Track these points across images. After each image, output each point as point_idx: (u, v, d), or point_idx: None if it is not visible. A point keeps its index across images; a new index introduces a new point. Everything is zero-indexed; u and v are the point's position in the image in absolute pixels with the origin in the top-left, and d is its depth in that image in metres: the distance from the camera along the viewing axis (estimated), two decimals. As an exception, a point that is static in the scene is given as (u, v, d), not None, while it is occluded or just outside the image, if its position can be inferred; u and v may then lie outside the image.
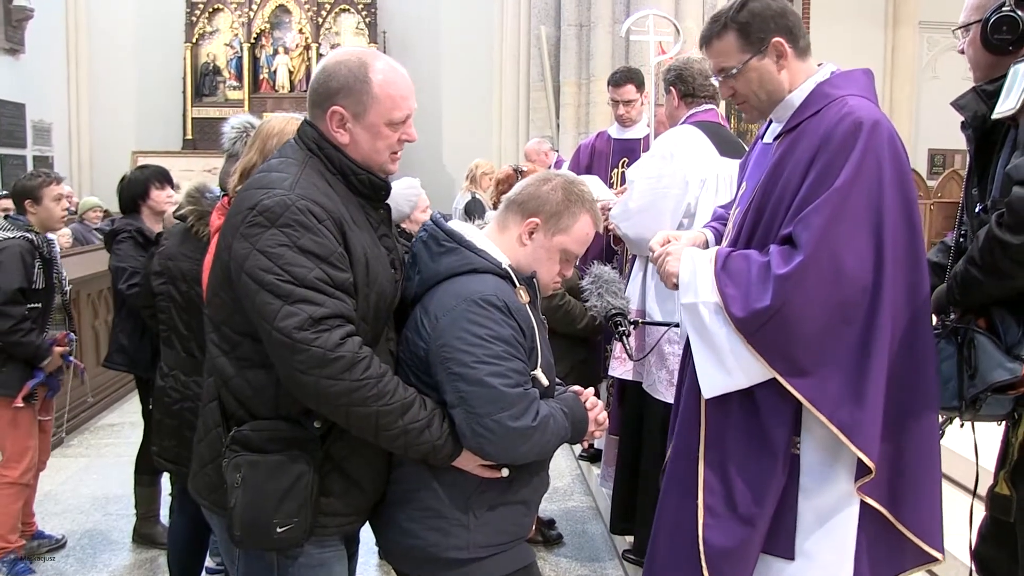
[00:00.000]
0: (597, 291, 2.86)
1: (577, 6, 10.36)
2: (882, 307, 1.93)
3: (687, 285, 2.08)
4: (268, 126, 2.62)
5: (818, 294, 1.92)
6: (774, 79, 2.12)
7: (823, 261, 1.91)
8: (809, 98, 2.11)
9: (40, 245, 3.97)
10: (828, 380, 1.96)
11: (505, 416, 1.87)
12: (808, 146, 2.03)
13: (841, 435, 1.96)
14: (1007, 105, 1.95)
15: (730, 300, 1.99)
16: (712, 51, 2.18)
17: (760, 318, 1.95)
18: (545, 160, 7.02)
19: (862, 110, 2.00)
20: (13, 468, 3.93)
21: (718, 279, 2.03)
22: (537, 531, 4.29)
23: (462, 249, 2.02)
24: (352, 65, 1.96)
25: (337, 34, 13.70)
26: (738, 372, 2.02)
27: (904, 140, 6.74)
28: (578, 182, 2.16)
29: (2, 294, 3.77)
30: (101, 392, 6.70)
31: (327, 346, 1.79)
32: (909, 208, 1.99)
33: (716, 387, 2.06)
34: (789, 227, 1.99)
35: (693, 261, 2.10)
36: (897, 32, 15.46)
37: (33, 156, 12.41)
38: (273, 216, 1.83)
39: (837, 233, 1.92)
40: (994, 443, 2.20)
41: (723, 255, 2.07)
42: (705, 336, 2.04)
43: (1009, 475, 2.07)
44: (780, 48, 2.10)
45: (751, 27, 2.10)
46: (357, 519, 2.07)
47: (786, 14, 2.13)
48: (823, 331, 1.94)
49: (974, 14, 2.15)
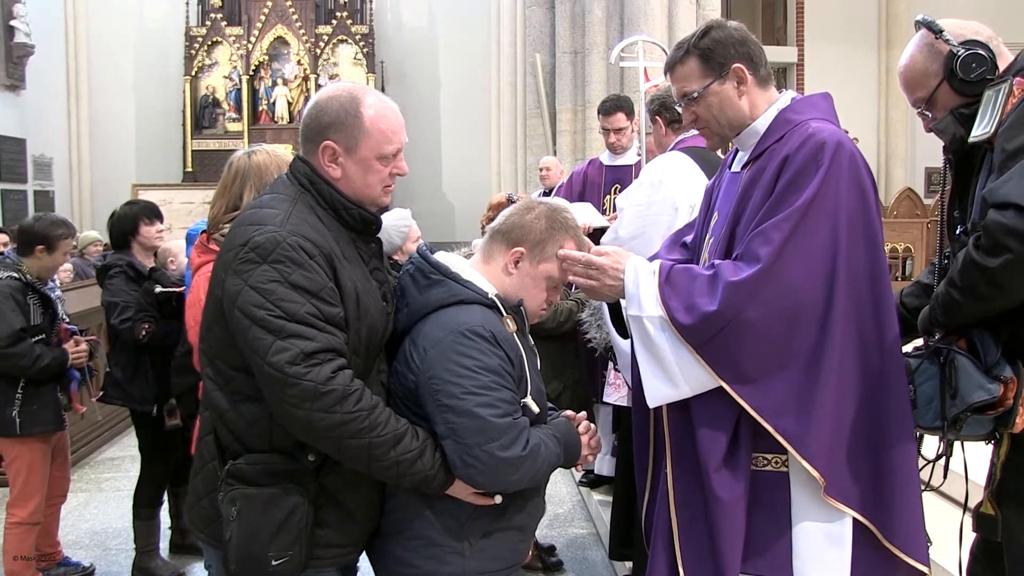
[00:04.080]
0: (596, 323, 2.90)
1: (571, 33, 10.46)
2: (834, 321, 1.96)
3: (631, 297, 2.10)
4: (256, 161, 2.68)
5: (772, 305, 1.95)
6: (734, 104, 2.17)
7: (779, 274, 1.95)
8: (772, 125, 2.15)
9: (31, 282, 3.91)
10: (772, 389, 1.98)
11: (494, 446, 1.89)
12: (773, 168, 2.07)
13: (786, 443, 1.98)
14: (982, 129, 1.98)
15: (674, 311, 2.02)
16: (675, 76, 2.23)
17: (709, 325, 1.97)
18: (559, 175, 7.07)
19: (825, 132, 2.05)
20: (23, 507, 3.89)
21: (662, 292, 2.05)
22: (537, 557, 4.28)
23: (448, 281, 2.05)
24: (343, 100, 1.99)
25: (335, 65, 13.84)
26: (683, 383, 2.04)
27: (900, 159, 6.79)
28: (561, 209, 2.19)
29: (6, 339, 3.74)
30: (100, 427, 6.70)
31: (318, 380, 1.81)
32: (870, 227, 2.02)
33: (660, 397, 2.08)
34: (744, 243, 2.03)
35: (636, 272, 2.11)
36: (890, 53, 15.57)
37: (34, 191, 12.49)
38: (264, 252, 1.86)
39: (794, 247, 1.95)
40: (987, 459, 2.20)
41: (666, 268, 2.09)
42: (651, 347, 2.06)
43: (993, 495, 2.08)
44: (740, 74, 2.15)
45: (713, 53, 2.15)
46: (353, 550, 2.09)
47: (747, 42, 2.18)
48: (772, 341, 1.97)
49: (928, 82, 2.17)
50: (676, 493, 2.11)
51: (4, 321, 3.76)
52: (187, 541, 4.51)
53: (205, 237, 2.70)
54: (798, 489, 2.07)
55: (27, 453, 3.88)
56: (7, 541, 3.92)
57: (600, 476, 5.09)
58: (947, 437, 2.04)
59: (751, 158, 2.17)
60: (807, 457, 1.97)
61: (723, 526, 2.03)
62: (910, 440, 2.05)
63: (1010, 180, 1.82)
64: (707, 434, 2.05)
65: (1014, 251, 1.77)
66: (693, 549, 2.08)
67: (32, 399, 3.85)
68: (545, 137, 10.81)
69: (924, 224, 10.38)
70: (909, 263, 10.37)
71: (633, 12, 9.62)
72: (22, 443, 3.87)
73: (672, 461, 2.13)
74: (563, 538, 4.77)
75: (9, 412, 3.81)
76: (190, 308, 2.76)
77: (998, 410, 1.90)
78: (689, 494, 2.10)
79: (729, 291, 1.96)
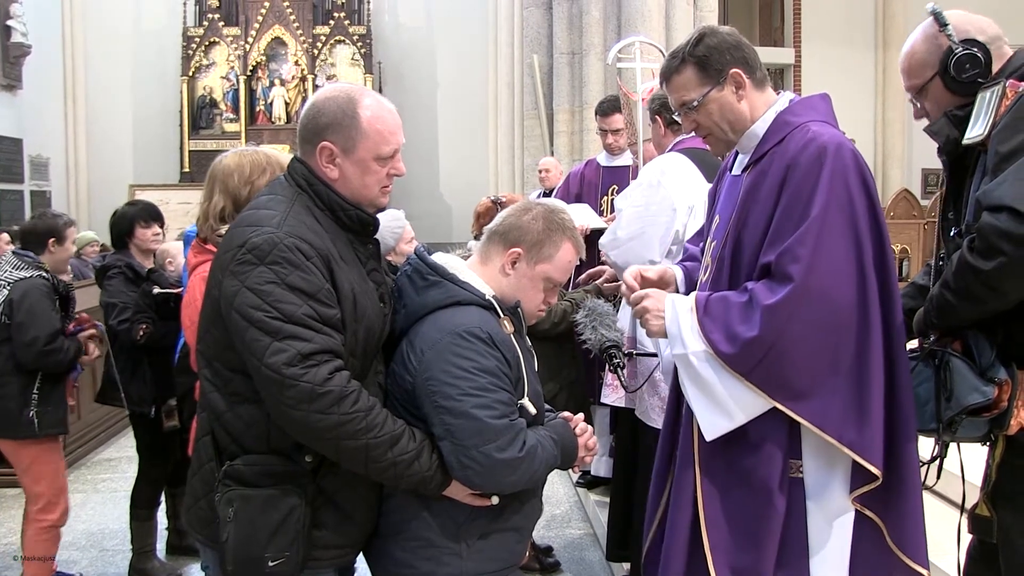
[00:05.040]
0: (591, 324, 2.89)
1: (569, 34, 10.46)
2: (871, 324, 1.97)
3: (674, 337, 2.10)
4: (223, 166, 2.68)
5: (812, 321, 1.95)
6: (735, 109, 2.17)
7: (814, 289, 1.94)
8: (772, 127, 2.15)
9: (56, 283, 3.92)
10: (829, 401, 1.98)
11: (491, 447, 1.90)
12: (776, 174, 2.07)
13: (852, 454, 1.98)
14: (976, 131, 1.99)
15: (717, 343, 2.02)
16: (672, 86, 2.23)
17: (754, 351, 1.97)
18: (559, 176, 7.07)
19: (825, 135, 2.05)
20: (52, 511, 3.87)
21: (703, 326, 2.05)
22: (534, 558, 4.29)
23: (445, 282, 2.05)
24: (340, 101, 2.00)
25: (333, 65, 13.83)
26: (738, 412, 2.04)
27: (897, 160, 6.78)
28: (559, 210, 2.19)
29: (46, 337, 3.73)
30: (97, 427, 6.70)
31: (315, 381, 1.81)
32: (879, 226, 2.04)
33: (718, 430, 2.07)
34: (767, 257, 2.02)
35: (675, 310, 2.12)
36: (887, 54, 15.59)
37: (30, 191, 12.48)
38: (262, 254, 1.87)
39: (823, 259, 1.95)
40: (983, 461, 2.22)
41: (702, 302, 2.09)
42: (700, 383, 2.06)
43: (989, 496, 2.09)
44: (738, 78, 2.15)
45: (709, 60, 2.15)
46: (350, 551, 2.09)
47: (741, 46, 2.18)
48: (820, 355, 1.97)
49: (924, 72, 2.18)
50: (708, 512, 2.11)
51: (47, 320, 3.76)
52: (184, 542, 4.51)
53: (200, 239, 2.70)
54: (812, 493, 2.09)
55: (46, 454, 3.86)
56: (36, 545, 3.85)
57: (597, 477, 5.09)
58: (943, 439, 2.04)
59: (751, 161, 2.17)
60: (872, 460, 1.99)
61: (768, 542, 2.05)
62: (915, 439, 2.07)
63: (1004, 183, 1.82)
64: (764, 453, 2.06)
65: (1008, 254, 1.78)
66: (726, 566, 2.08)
67: (47, 399, 3.84)
68: (542, 138, 10.82)
69: (921, 225, 10.38)
70: (906, 264, 10.38)
71: (630, 13, 9.63)
72: (39, 444, 3.84)
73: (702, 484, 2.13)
74: (560, 539, 4.78)
75: (27, 413, 3.78)
76: (186, 308, 2.77)
77: (993, 412, 1.91)
78: (726, 512, 2.10)
79: (767, 314, 1.96)
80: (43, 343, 3.72)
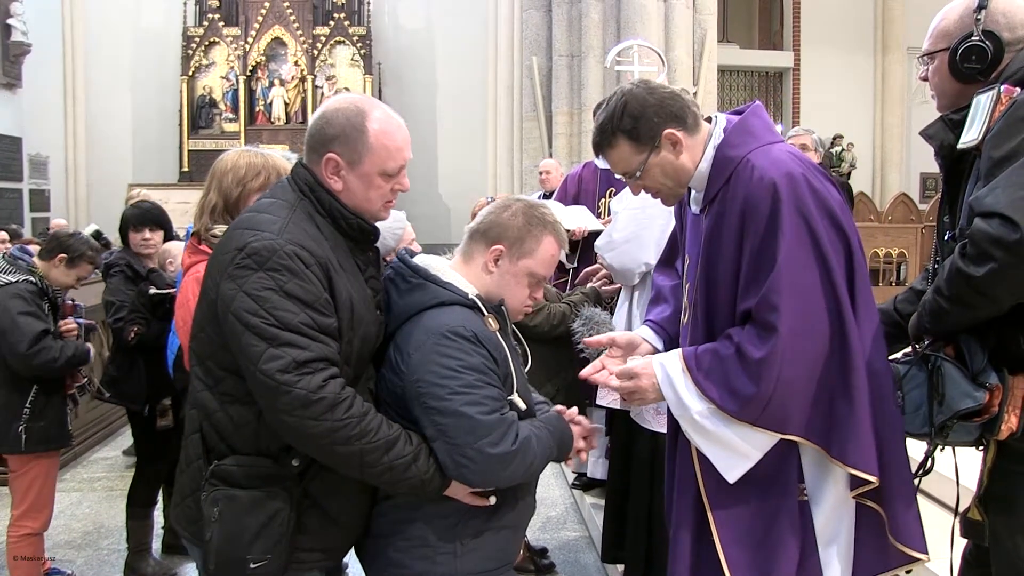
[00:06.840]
0: (588, 332, 2.91)
1: (568, 37, 10.49)
2: (851, 343, 1.99)
3: (674, 403, 2.10)
4: (222, 163, 2.69)
5: (800, 360, 1.98)
6: (675, 165, 2.13)
7: (797, 330, 1.96)
8: (714, 166, 2.13)
9: (45, 288, 3.86)
10: (830, 422, 2.02)
11: (484, 443, 1.90)
12: (732, 216, 2.06)
13: (857, 472, 2.02)
14: (970, 136, 1.99)
15: (719, 400, 2.03)
16: (609, 160, 2.19)
17: (757, 403, 1.99)
18: (559, 178, 7.09)
19: (768, 168, 2.03)
20: (35, 519, 3.84)
21: (699, 386, 2.05)
22: (529, 560, 4.29)
23: (428, 283, 2.06)
24: (350, 113, 1.98)
25: (332, 66, 13.87)
26: (753, 451, 2.06)
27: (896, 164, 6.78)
28: (538, 205, 2.19)
29: (30, 340, 3.67)
30: (94, 425, 6.70)
31: (309, 388, 1.81)
32: (844, 234, 2.04)
33: (739, 472, 2.08)
34: (745, 303, 2.03)
35: (666, 372, 2.11)
36: (886, 58, 15.65)
37: (29, 189, 12.51)
38: (261, 259, 1.86)
39: (798, 302, 1.97)
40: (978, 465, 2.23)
41: (691, 359, 2.09)
42: (710, 437, 2.07)
43: (980, 500, 2.10)
44: (673, 138, 2.10)
45: (638, 129, 2.10)
46: (336, 555, 2.10)
47: (663, 103, 2.11)
48: (817, 384, 2.01)
49: (940, 42, 2.18)
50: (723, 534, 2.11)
51: (27, 323, 3.69)
52: (180, 541, 4.49)
53: (195, 239, 2.71)
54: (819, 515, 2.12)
55: (35, 467, 3.84)
56: (18, 548, 3.83)
57: (593, 479, 5.10)
58: (935, 443, 2.05)
59: (705, 202, 2.17)
60: (871, 473, 2.02)
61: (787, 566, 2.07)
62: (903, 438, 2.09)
63: (996, 189, 1.83)
64: (775, 480, 2.09)
65: (999, 260, 1.78)
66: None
67: (40, 415, 3.79)
68: (541, 140, 10.84)
69: (919, 229, 10.39)
70: (903, 268, 10.39)
71: (629, 16, 9.66)
72: (30, 457, 3.82)
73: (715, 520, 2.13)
74: (555, 541, 4.78)
75: (15, 428, 3.74)
76: (179, 309, 2.78)
77: (984, 417, 1.91)
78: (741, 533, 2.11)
79: (760, 368, 1.97)
80: (27, 346, 3.67)
